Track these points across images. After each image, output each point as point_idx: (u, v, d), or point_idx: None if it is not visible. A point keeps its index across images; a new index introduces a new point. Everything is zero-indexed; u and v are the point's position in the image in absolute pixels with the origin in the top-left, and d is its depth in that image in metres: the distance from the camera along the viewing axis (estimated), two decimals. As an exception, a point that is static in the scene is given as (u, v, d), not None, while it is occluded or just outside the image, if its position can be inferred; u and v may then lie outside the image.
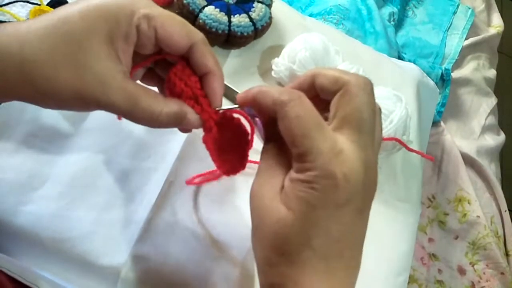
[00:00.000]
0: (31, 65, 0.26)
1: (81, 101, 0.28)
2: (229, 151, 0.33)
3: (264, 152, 0.29)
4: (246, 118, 0.33)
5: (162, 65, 0.33)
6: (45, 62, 0.26)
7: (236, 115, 0.33)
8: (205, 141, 0.32)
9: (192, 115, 0.31)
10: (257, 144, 0.32)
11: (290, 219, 0.25)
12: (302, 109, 0.26)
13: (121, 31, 0.28)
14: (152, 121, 0.30)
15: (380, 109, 0.30)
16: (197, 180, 0.44)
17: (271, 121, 0.28)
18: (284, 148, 0.28)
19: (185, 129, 0.34)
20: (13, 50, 0.26)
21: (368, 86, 0.27)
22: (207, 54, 0.31)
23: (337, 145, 0.25)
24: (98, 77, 0.27)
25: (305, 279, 0.26)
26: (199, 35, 0.30)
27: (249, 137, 0.33)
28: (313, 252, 0.26)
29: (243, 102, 0.30)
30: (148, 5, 0.29)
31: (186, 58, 0.31)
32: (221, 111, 0.32)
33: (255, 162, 0.45)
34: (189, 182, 0.44)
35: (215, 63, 0.31)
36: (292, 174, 0.26)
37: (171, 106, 0.30)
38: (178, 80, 0.31)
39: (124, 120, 0.40)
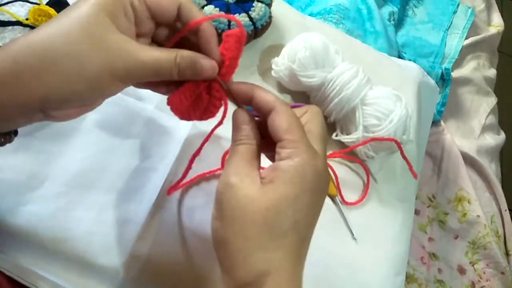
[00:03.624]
0: (54, 51, 0.27)
1: (112, 75, 0.28)
2: (194, 106, 0.34)
3: (238, 150, 0.32)
4: (224, 99, 0.34)
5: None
6: (67, 45, 0.27)
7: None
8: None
9: (205, 60, 0.32)
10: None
11: (283, 204, 0.29)
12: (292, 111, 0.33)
13: (120, 11, 0.29)
14: (175, 67, 0.31)
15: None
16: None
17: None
18: (255, 150, 0.32)
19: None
20: (33, 45, 0.27)
21: (321, 112, 0.35)
22: (193, 9, 0.32)
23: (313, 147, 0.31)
24: (120, 47, 0.29)
25: (288, 265, 0.29)
26: None
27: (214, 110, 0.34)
28: (297, 236, 0.29)
29: (245, 95, 0.34)
30: None
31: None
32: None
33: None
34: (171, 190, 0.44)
35: (202, 16, 0.32)
36: (282, 163, 0.30)
37: (182, 51, 0.31)
38: None
39: (123, 120, 0.41)
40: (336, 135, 0.54)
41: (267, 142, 0.33)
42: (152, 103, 0.48)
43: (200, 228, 0.43)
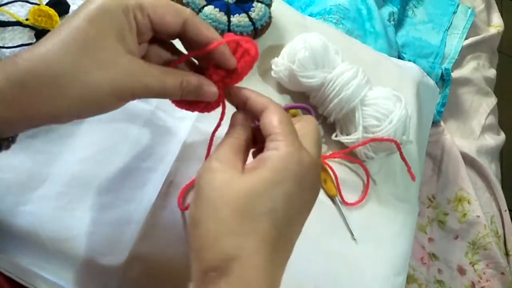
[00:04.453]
0: (62, 77, 0.27)
1: (117, 96, 0.29)
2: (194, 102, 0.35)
3: (224, 141, 0.33)
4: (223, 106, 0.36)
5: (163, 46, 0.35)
6: (74, 70, 0.27)
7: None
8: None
9: (209, 87, 0.33)
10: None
11: (259, 188, 0.28)
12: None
13: (125, 25, 0.29)
14: (180, 90, 0.32)
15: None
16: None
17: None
18: (242, 144, 0.33)
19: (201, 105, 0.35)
20: (41, 70, 0.27)
21: (315, 121, 0.36)
22: (200, 26, 0.32)
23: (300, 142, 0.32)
24: (127, 69, 0.29)
25: (259, 252, 0.28)
26: (187, 11, 0.32)
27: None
28: (272, 224, 0.28)
29: (240, 98, 0.34)
30: None
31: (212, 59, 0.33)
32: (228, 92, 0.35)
33: None
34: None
35: (212, 31, 0.33)
36: (267, 153, 0.30)
37: (189, 76, 0.33)
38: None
39: (123, 120, 0.40)
40: (336, 136, 0.54)
41: (258, 149, 0.34)
42: (152, 104, 0.48)
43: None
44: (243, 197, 0.28)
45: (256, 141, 0.35)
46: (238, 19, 0.52)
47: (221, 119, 0.36)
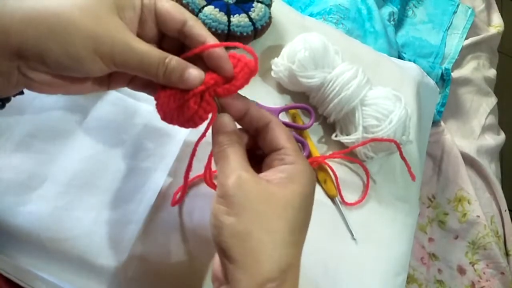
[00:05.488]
0: (46, 8, 0.27)
1: (94, 48, 0.28)
2: (179, 111, 0.33)
3: (232, 150, 0.32)
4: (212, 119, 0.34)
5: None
6: (57, 4, 0.27)
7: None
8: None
9: (194, 70, 0.31)
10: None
11: (300, 201, 0.30)
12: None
13: (130, 3, 0.30)
14: (163, 66, 0.30)
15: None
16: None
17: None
18: (245, 149, 0.33)
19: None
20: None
21: None
22: (198, 27, 0.32)
23: None
24: (113, 27, 0.28)
25: (299, 261, 0.30)
26: (189, 13, 0.33)
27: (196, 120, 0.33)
28: (306, 234, 0.31)
29: (238, 110, 0.34)
30: None
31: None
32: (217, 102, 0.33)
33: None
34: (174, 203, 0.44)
35: (208, 33, 0.33)
36: (291, 167, 0.32)
37: (174, 56, 0.31)
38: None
39: (123, 120, 0.40)
40: (336, 136, 0.54)
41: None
42: (152, 104, 0.48)
43: (200, 228, 0.44)
44: (289, 209, 0.30)
45: None
46: (238, 19, 0.53)
47: (207, 128, 0.34)
